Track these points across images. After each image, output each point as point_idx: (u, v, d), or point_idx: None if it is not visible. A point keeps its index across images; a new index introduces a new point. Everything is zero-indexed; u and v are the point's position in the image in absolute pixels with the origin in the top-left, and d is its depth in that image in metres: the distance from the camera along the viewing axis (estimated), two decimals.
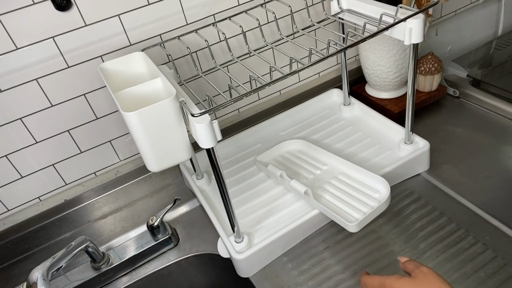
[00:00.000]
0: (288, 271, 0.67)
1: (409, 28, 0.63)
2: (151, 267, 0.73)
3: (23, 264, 0.77)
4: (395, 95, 0.95)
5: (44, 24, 0.65)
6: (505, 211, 0.69)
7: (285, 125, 0.93)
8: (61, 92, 0.71)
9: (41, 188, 0.78)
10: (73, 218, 0.81)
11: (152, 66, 0.62)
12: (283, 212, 0.72)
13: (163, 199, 0.85)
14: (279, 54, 0.87)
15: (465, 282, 0.60)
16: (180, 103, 0.54)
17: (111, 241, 0.78)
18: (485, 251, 0.63)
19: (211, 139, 0.53)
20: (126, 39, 0.72)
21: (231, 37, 0.81)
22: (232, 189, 0.79)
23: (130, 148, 0.83)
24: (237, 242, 0.66)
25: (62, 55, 0.68)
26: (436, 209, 0.71)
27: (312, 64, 0.58)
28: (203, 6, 0.77)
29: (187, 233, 0.78)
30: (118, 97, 0.57)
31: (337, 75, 1.00)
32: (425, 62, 0.92)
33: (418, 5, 0.82)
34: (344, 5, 0.75)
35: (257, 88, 0.56)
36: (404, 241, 0.67)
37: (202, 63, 0.82)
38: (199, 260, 0.75)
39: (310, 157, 0.82)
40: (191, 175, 0.82)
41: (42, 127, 0.72)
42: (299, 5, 0.85)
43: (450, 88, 0.97)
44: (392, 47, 0.85)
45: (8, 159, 0.72)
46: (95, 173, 0.82)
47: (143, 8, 0.71)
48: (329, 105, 0.96)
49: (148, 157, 0.57)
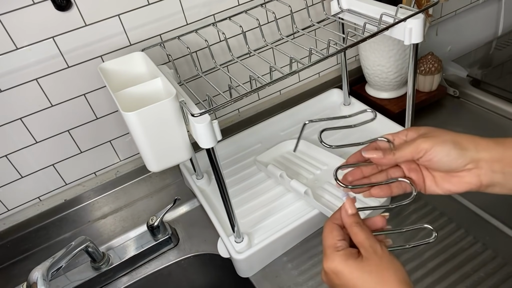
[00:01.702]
0: (288, 271, 0.67)
1: (409, 28, 0.63)
2: (151, 267, 0.73)
3: (23, 264, 0.77)
4: (395, 95, 0.95)
5: (44, 24, 0.65)
6: (505, 211, 0.69)
7: (285, 125, 0.93)
8: (61, 92, 0.71)
9: (41, 188, 0.78)
10: (73, 218, 0.81)
11: (152, 66, 0.62)
12: (283, 212, 0.72)
13: (163, 199, 0.85)
14: (279, 54, 0.87)
15: (465, 282, 0.60)
16: (180, 103, 0.54)
17: (111, 241, 0.78)
18: (485, 251, 0.63)
19: (211, 139, 0.53)
20: (126, 39, 0.72)
21: (231, 37, 0.81)
22: (232, 189, 0.79)
23: (130, 148, 0.83)
24: (237, 242, 0.66)
25: (62, 55, 0.68)
26: (436, 209, 0.71)
27: (312, 64, 0.58)
28: (203, 6, 0.77)
29: (187, 233, 0.78)
30: (118, 97, 0.57)
31: (337, 75, 1.00)
32: (425, 62, 0.92)
33: (418, 5, 0.82)
34: (344, 5, 0.75)
35: (257, 88, 0.56)
36: (404, 241, 0.67)
37: (202, 63, 0.82)
38: (199, 260, 0.75)
39: (310, 157, 0.82)
40: (191, 175, 0.82)
41: (42, 127, 0.72)
42: (299, 5, 0.85)
43: (450, 88, 0.97)
44: (392, 47, 0.85)
45: (8, 159, 0.72)
46: (95, 173, 0.82)
47: (143, 8, 0.71)
48: (329, 105, 0.96)
49: (148, 157, 0.57)
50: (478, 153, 0.43)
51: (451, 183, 0.45)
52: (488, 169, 0.43)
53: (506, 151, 0.42)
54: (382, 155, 0.46)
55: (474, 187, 0.44)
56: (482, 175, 0.43)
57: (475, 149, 0.43)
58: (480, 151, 0.43)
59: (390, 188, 0.48)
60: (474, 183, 0.43)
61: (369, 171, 0.49)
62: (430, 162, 0.44)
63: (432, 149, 0.43)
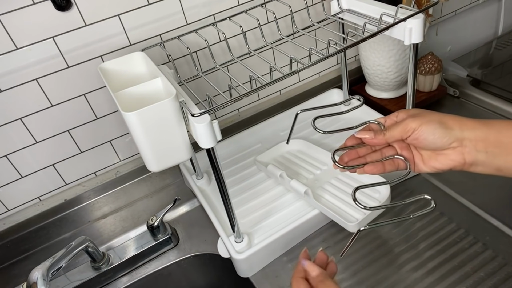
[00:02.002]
0: (288, 271, 0.67)
1: (409, 28, 0.63)
2: (151, 267, 0.73)
3: (23, 264, 0.77)
4: (395, 95, 0.95)
5: (44, 24, 0.65)
6: (505, 211, 0.69)
7: (285, 125, 0.93)
8: (61, 92, 0.71)
9: (41, 188, 0.78)
10: (73, 218, 0.81)
11: (152, 66, 0.62)
12: (283, 212, 0.72)
13: (163, 199, 0.85)
14: (279, 54, 0.87)
15: (465, 282, 0.60)
16: (180, 103, 0.54)
17: (111, 241, 0.78)
18: (485, 251, 0.63)
19: (211, 139, 0.53)
20: (126, 39, 0.72)
21: (231, 37, 0.81)
22: (232, 189, 0.79)
23: (130, 148, 0.83)
24: (237, 242, 0.66)
25: (62, 55, 0.68)
26: (436, 209, 0.71)
27: (312, 64, 0.58)
28: (203, 6, 0.77)
29: (187, 233, 0.78)
30: (118, 97, 0.57)
31: (337, 75, 1.00)
32: (425, 62, 0.92)
33: (418, 5, 0.82)
34: (344, 5, 0.75)
35: (257, 88, 0.56)
36: (404, 241, 0.67)
37: (202, 63, 0.82)
38: (199, 260, 0.75)
39: (310, 157, 0.82)
40: (191, 175, 0.82)
41: (42, 127, 0.72)
42: (299, 5, 0.85)
43: (450, 88, 0.97)
44: (392, 47, 0.85)
45: (8, 159, 0.72)
46: (95, 173, 0.82)
47: (143, 8, 0.71)
48: None
49: (148, 157, 0.57)
50: (462, 132, 0.45)
51: (437, 161, 0.48)
52: (472, 148, 0.45)
53: (490, 131, 0.44)
54: (373, 135, 0.49)
55: (458, 165, 0.46)
56: (466, 153, 0.45)
57: (460, 129, 0.45)
58: (465, 130, 0.45)
59: (383, 165, 0.50)
60: (458, 160, 0.46)
61: (364, 152, 0.52)
62: (417, 141, 0.47)
63: (419, 128, 0.46)
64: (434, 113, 0.47)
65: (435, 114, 0.47)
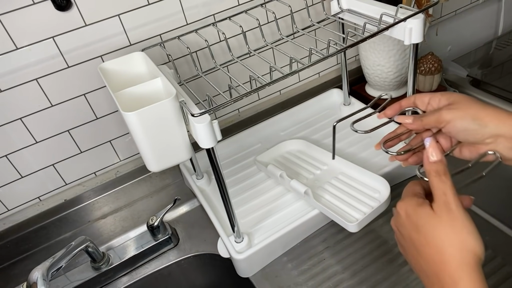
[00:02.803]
0: (288, 271, 0.67)
1: (409, 28, 0.63)
2: (151, 267, 0.73)
3: (23, 264, 0.77)
4: (395, 95, 0.95)
5: (44, 24, 0.65)
6: (505, 211, 0.69)
7: (285, 125, 0.93)
8: (61, 92, 0.71)
9: (41, 188, 0.78)
10: (73, 218, 0.81)
11: (152, 66, 0.62)
12: (283, 212, 0.72)
13: (163, 199, 0.85)
14: (279, 54, 0.87)
15: None
16: (180, 103, 0.54)
17: (111, 241, 0.78)
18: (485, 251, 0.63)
19: (211, 139, 0.53)
20: (126, 39, 0.72)
21: (231, 37, 0.81)
22: (232, 189, 0.79)
23: (130, 148, 0.83)
24: (237, 242, 0.66)
25: (62, 55, 0.68)
26: None
27: (312, 64, 0.58)
28: (203, 6, 0.77)
29: (187, 233, 0.78)
30: (118, 97, 0.57)
31: (337, 75, 1.00)
32: (425, 62, 0.92)
33: (418, 5, 0.82)
34: (344, 5, 0.75)
35: (257, 88, 0.56)
36: None
37: (202, 63, 0.82)
38: (199, 260, 0.75)
39: (310, 157, 0.82)
40: (191, 175, 0.82)
41: (42, 127, 0.72)
42: (299, 5, 0.85)
43: (450, 88, 0.97)
44: (392, 47, 0.85)
45: (8, 159, 0.72)
46: (95, 173, 0.82)
47: (143, 8, 0.71)
48: (329, 105, 0.96)
49: (148, 157, 0.57)
50: (498, 129, 0.44)
51: (469, 151, 0.47)
52: (506, 144, 0.44)
53: None
54: (412, 120, 0.49)
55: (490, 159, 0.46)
56: (499, 149, 0.45)
57: (496, 125, 0.44)
58: (502, 127, 0.43)
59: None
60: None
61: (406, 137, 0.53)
62: (451, 134, 0.47)
63: (451, 122, 0.45)
64: (472, 105, 0.45)
65: (473, 106, 0.45)
